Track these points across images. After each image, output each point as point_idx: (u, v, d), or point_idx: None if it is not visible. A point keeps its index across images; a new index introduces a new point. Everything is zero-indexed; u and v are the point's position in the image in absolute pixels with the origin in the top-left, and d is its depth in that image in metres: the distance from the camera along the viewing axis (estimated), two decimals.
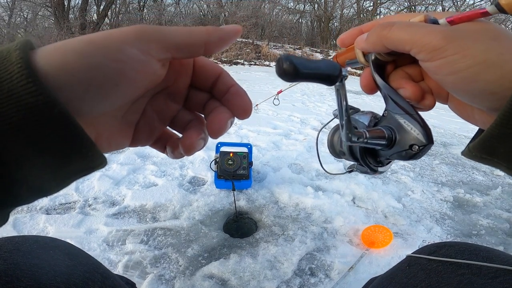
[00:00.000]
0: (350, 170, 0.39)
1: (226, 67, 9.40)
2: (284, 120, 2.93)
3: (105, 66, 0.19)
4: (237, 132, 2.49)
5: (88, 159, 0.20)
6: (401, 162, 2.03)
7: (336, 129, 0.38)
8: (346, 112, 0.30)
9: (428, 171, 1.96)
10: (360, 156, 0.34)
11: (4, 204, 0.19)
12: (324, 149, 1.53)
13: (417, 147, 0.29)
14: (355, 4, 14.42)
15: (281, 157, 1.95)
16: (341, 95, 0.30)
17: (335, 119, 0.36)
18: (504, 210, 1.51)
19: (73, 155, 0.19)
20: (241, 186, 1.46)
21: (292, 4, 15.09)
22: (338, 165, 1.85)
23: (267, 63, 10.34)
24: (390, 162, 0.35)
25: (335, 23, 14.68)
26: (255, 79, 6.50)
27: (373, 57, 0.31)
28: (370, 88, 0.33)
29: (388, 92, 0.31)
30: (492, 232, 1.33)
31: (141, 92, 0.23)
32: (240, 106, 0.27)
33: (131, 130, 0.27)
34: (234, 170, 1.41)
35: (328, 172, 0.42)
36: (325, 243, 1.17)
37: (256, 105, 2.35)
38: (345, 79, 0.30)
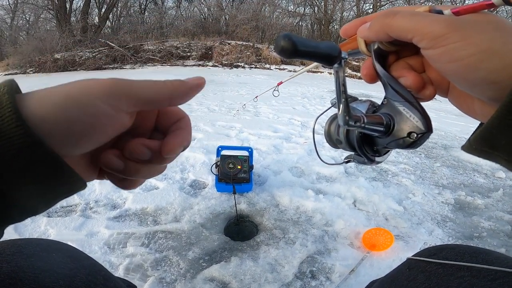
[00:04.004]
0: (347, 160, 0.38)
1: (226, 70, 9.44)
2: (285, 124, 2.93)
3: (80, 119, 0.22)
4: (238, 135, 2.49)
5: (70, 185, 0.23)
6: (402, 165, 2.03)
7: (333, 118, 0.38)
8: (344, 94, 0.30)
9: (429, 173, 1.96)
10: (357, 144, 0.34)
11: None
12: (325, 152, 1.52)
13: (415, 135, 0.28)
14: (355, 7, 14.47)
15: (282, 160, 1.95)
16: (340, 78, 0.30)
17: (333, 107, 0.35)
18: (505, 212, 1.50)
19: (58, 183, 0.22)
20: (242, 189, 1.46)
21: (292, 7, 15.16)
22: (338, 168, 1.85)
23: (267, 66, 10.37)
24: (387, 151, 0.35)
25: (335, 26, 14.71)
26: (256, 82, 6.51)
27: (375, 47, 0.31)
28: (370, 77, 0.33)
29: (388, 80, 0.30)
30: (493, 234, 1.33)
31: (109, 139, 0.26)
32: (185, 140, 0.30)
33: (97, 167, 0.30)
34: (235, 173, 1.41)
35: (324, 162, 0.42)
36: (326, 246, 1.17)
37: (256, 97, 2.40)
38: (345, 62, 0.30)
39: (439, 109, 4.90)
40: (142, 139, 0.29)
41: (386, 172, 1.90)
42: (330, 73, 9.61)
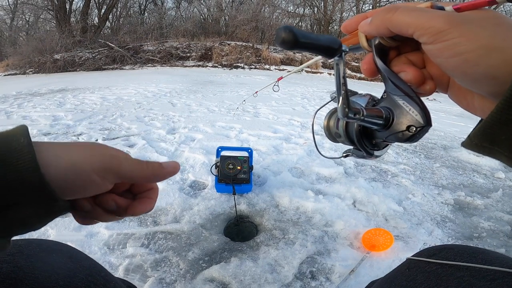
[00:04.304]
0: (346, 154, 0.38)
1: (226, 71, 9.44)
2: (285, 124, 2.93)
3: (75, 183, 0.31)
4: (238, 136, 2.49)
5: (61, 210, 0.31)
6: (401, 166, 2.03)
7: (332, 112, 0.38)
8: (344, 87, 0.30)
9: (429, 174, 1.96)
10: (357, 138, 0.34)
11: (7, 236, 0.29)
12: (325, 153, 1.52)
13: (414, 128, 0.28)
14: (355, 7, 14.50)
15: (282, 161, 1.95)
16: (340, 71, 0.30)
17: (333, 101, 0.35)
18: (505, 213, 1.51)
19: (53, 209, 0.30)
20: (241, 190, 1.46)
21: (292, 8, 15.18)
22: (338, 168, 1.85)
23: (267, 66, 10.37)
24: (386, 145, 0.35)
25: (335, 26, 14.73)
26: (256, 83, 6.52)
27: (376, 42, 0.31)
28: (371, 72, 0.33)
29: (389, 75, 0.31)
30: (493, 235, 1.33)
31: (91, 195, 0.34)
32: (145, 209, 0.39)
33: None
34: (235, 174, 1.41)
35: (323, 155, 0.42)
36: (326, 247, 1.17)
37: (256, 92, 2.41)
38: (345, 55, 0.30)
39: (439, 109, 4.91)
40: (114, 195, 0.36)
41: (385, 173, 1.90)
42: (330, 74, 9.61)
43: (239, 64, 10.43)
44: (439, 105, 5.53)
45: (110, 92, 4.71)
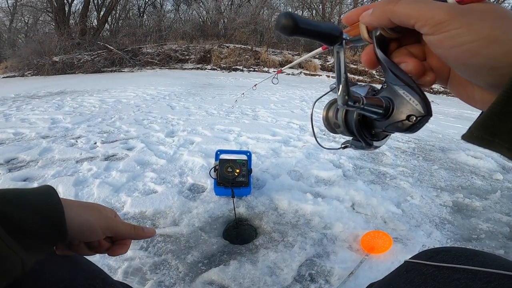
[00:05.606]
0: (345, 145, 0.38)
1: (225, 74, 9.46)
2: (283, 127, 2.94)
3: (86, 234, 0.45)
4: (236, 139, 2.50)
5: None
6: (400, 168, 2.04)
7: (331, 103, 0.38)
8: (344, 75, 0.30)
9: (427, 176, 1.96)
10: (356, 128, 0.34)
11: (34, 256, 0.39)
12: (324, 155, 1.52)
13: (414, 118, 0.28)
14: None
15: (280, 164, 1.95)
16: (340, 59, 0.30)
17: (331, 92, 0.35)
18: (503, 214, 1.51)
19: (59, 243, 0.43)
20: (240, 193, 1.46)
21: (290, 11, 15.23)
22: (337, 171, 1.85)
23: (266, 69, 10.39)
24: (386, 136, 0.35)
25: None
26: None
27: (377, 33, 0.31)
28: (371, 62, 0.33)
29: (389, 65, 0.31)
30: (492, 236, 1.34)
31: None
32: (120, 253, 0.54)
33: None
34: (234, 177, 1.41)
35: (322, 146, 0.42)
36: (325, 249, 1.17)
37: (255, 85, 2.40)
38: (346, 43, 0.30)
39: (437, 111, 4.93)
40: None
41: (384, 175, 1.91)
42: (328, 76, 9.64)
43: (238, 67, 10.45)
44: (437, 107, 5.55)
45: (108, 95, 4.72)
